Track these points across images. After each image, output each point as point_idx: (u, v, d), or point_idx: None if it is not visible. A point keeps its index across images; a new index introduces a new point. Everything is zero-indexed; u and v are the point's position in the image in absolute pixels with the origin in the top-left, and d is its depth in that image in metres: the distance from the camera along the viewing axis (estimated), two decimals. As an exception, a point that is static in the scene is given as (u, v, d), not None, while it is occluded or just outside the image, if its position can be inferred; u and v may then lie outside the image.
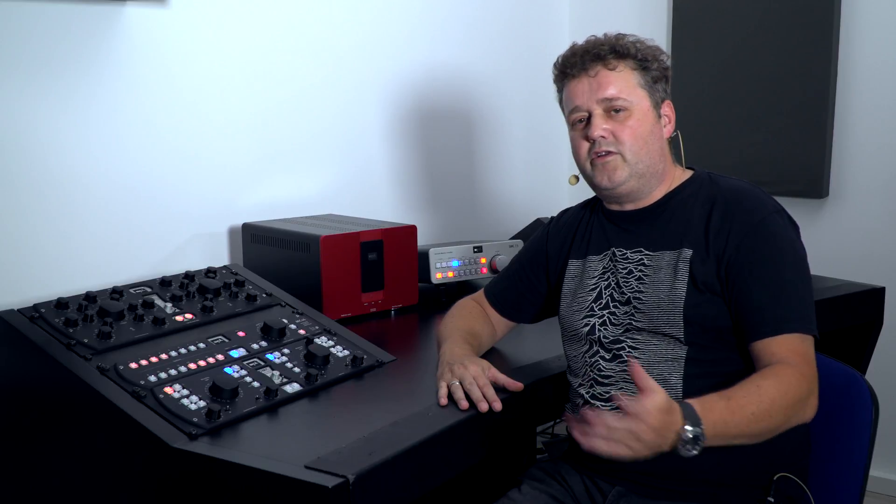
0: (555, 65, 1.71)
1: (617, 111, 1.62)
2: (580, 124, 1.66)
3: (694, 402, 1.38)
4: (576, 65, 1.65)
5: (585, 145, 1.65)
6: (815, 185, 2.93)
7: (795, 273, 1.55)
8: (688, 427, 1.35)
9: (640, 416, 1.32)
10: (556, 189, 3.24)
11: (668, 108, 1.68)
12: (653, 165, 1.64)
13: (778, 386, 1.44)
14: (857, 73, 2.88)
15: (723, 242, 1.56)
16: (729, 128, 3.04)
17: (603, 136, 1.61)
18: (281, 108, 2.41)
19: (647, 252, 1.64)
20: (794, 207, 2.93)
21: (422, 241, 2.38)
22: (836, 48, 2.87)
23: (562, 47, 1.71)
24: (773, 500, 1.53)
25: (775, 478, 1.54)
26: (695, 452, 1.36)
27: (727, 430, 1.39)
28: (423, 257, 2.31)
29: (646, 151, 1.62)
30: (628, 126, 1.61)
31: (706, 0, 3.06)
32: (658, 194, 1.67)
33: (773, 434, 1.46)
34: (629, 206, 1.69)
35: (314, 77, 2.49)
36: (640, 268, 1.63)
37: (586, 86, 1.63)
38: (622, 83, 1.62)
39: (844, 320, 2.27)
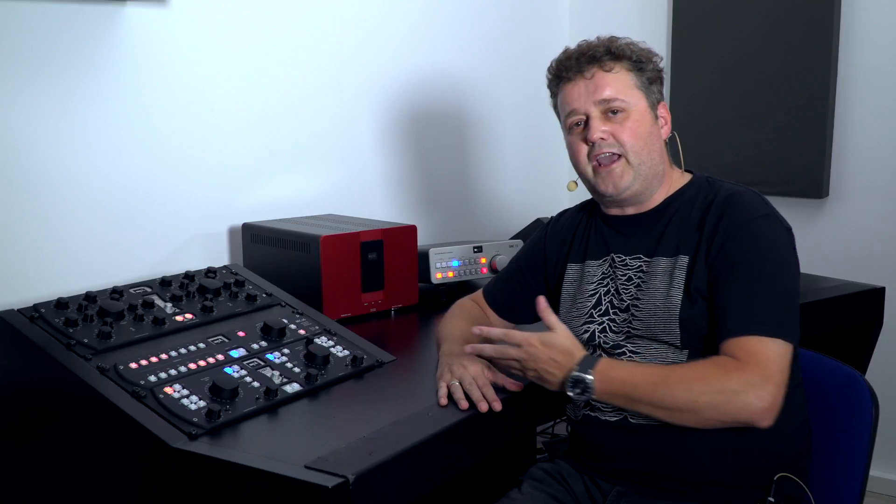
0: (549, 69, 1.70)
1: (615, 112, 1.60)
2: (578, 128, 1.64)
3: (603, 358, 1.51)
4: (571, 67, 1.63)
5: (584, 148, 1.63)
6: (815, 185, 2.93)
7: (774, 277, 1.50)
8: (576, 371, 1.48)
9: (524, 344, 1.52)
10: (556, 189, 3.23)
11: (663, 110, 1.68)
12: (654, 166, 1.63)
13: (698, 369, 1.45)
14: (857, 73, 2.88)
15: (707, 245, 1.55)
16: (729, 128, 3.04)
17: (603, 138, 1.60)
18: (281, 108, 2.41)
19: (645, 259, 1.63)
20: (794, 207, 2.96)
21: (422, 241, 2.38)
22: (836, 48, 2.87)
23: (562, 48, 1.71)
24: (773, 500, 1.53)
25: (775, 478, 1.54)
26: (583, 398, 1.49)
27: (623, 389, 1.46)
28: (423, 257, 2.31)
29: (647, 152, 1.61)
30: (627, 127, 1.60)
31: (706, 0, 3.06)
32: (658, 198, 1.66)
33: (689, 415, 1.43)
34: (630, 210, 1.67)
35: (314, 77, 2.49)
36: (639, 275, 1.63)
37: (582, 88, 1.62)
38: (619, 84, 1.60)
39: (844, 320, 2.27)
